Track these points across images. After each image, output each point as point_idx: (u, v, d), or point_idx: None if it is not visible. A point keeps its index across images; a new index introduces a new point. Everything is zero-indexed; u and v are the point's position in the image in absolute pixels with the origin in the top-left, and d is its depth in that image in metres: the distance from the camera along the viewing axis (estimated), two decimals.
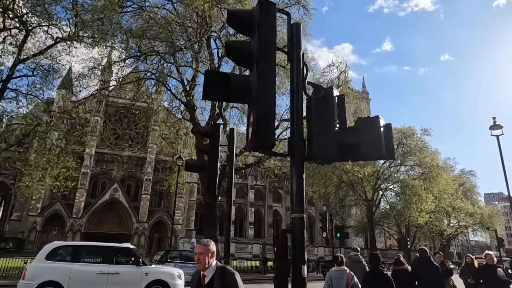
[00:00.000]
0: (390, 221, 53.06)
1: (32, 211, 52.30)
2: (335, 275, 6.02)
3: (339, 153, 3.14)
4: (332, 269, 6.30)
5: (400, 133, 40.51)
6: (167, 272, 11.44)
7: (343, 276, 5.91)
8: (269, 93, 2.96)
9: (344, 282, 5.82)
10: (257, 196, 78.54)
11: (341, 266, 6.16)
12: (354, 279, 5.86)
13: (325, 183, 37.86)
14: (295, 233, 3.01)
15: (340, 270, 6.08)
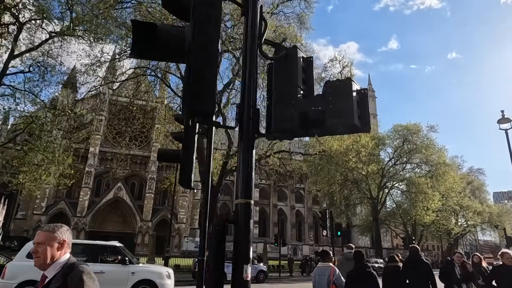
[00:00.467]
0: (396, 220, 52.05)
1: (36, 209, 52.36)
2: (318, 272, 5.99)
3: (301, 126, 2.51)
4: (318, 265, 6.30)
5: (405, 130, 39.55)
6: (155, 271, 10.88)
7: (325, 272, 5.84)
8: (209, 47, 2.32)
9: (325, 278, 5.75)
10: (261, 195, 77.89)
11: (325, 262, 6.06)
12: (336, 274, 5.76)
13: (329, 181, 37.05)
14: (239, 223, 2.41)
15: (323, 266, 6.01)
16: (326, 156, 30.80)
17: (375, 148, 38.95)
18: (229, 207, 74.66)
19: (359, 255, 6.25)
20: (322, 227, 17.19)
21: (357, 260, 6.15)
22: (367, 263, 6.23)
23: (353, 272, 6.01)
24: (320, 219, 17.31)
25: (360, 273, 5.89)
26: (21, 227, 52.30)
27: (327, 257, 6.13)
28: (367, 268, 5.97)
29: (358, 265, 6.04)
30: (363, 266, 5.98)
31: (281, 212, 78.66)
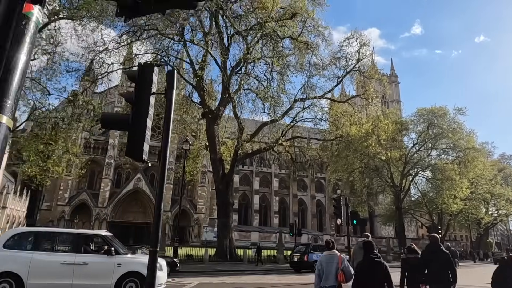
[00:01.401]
0: (421, 209, 49.48)
1: (60, 200, 53.29)
2: (325, 260, 5.88)
3: None
4: (323, 253, 6.13)
5: (430, 113, 36.88)
6: (143, 262, 9.76)
7: (333, 260, 5.79)
8: None
9: (334, 266, 5.69)
10: (281, 185, 76.61)
11: (331, 251, 5.99)
12: (344, 262, 5.72)
13: (348, 168, 35.16)
14: None
15: (330, 254, 5.93)
16: (344, 142, 29.01)
17: (398, 133, 36.60)
18: (248, 197, 73.85)
19: (369, 244, 5.85)
20: (336, 215, 15.69)
21: (367, 250, 5.82)
22: (377, 253, 5.87)
23: (362, 262, 5.78)
24: (334, 207, 15.83)
25: (369, 263, 5.58)
26: (47, 217, 53.43)
27: (332, 245, 6.06)
28: (377, 258, 5.63)
29: (367, 255, 5.71)
30: (373, 256, 5.63)
31: (301, 202, 77.14)
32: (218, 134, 26.90)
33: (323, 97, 25.79)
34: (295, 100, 25.57)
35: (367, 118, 30.05)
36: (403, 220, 41.66)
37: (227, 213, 25.82)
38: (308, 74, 23.48)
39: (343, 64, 25.69)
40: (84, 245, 9.61)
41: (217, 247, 25.70)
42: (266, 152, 29.05)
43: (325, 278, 5.67)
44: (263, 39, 23.78)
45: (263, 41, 24.24)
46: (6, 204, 35.09)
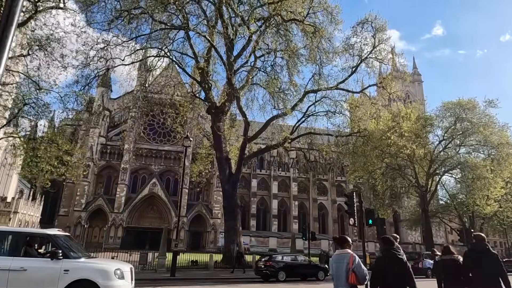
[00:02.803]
0: (450, 213, 45.50)
1: (77, 206, 52.82)
2: (336, 259, 5.29)
3: None
4: (335, 252, 5.50)
5: (457, 106, 33.42)
6: (97, 268, 7.81)
7: (343, 259, 5.13)
8: None
9: (344, 266, 5.05)
10: (300, 189, 73.74)
11: (344, 249, 5.27)
12: (355, 262, 5.00)
13: (368, 168, 32.31)
14: None
15: (341, 253, 5.25)
16: (362, 138, 26.38)
17: (422, 129, 33.40)
18: (267, 202, 71.37)
19: (388, 239, 5.47)
20: (348, 214, 13.26)
21: (386, 245, 5.37)
22: (398, 248, 5.36)
23: (380, 258, 5.37)
24: (346, 204, 13.38)
25: (388, 259, 5.17)
26: (64, 223, 53.02)
27: (344, 243, 5.35)
28: (398, 254, 5.20)
29: (386, 250, 5.30)
30: (393, 251, 5.21)
31: (321, 206, 73.90)
32: (224, 131, 24.97)
33: (336, 87, 23.37)
34: (306, 92, 23.32)
35: (388, 112, 27.30)
36: (430, 224, 38.04)
37: (234, 216, 23.71)
38: (319, 61, 21.19)
39: (357, 52, 23.31)
40: (25, 247, 7.76)
41: (224, 252, 23.59)
42: (276, 149, 26.75)
43: (336, 279, 5.14)
44: (268, 27, 21.83)
45: (269, 29, 22.26)
46: (18, 209, 34.43)
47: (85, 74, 23.42)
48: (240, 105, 21.63)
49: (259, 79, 25.46)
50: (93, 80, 23.46)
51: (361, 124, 25.66)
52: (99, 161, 56.43)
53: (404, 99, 59.98)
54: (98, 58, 21.82)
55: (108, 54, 23.25)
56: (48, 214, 56.22)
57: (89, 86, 23.77)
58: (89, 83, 23.69)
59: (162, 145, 59.57)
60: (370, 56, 22.35)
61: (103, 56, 22.77)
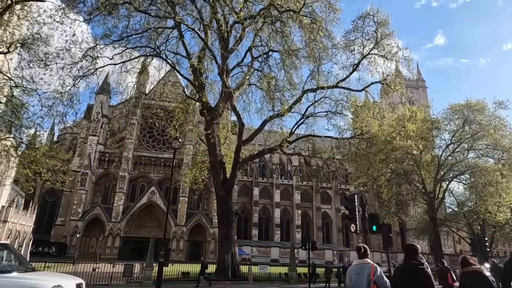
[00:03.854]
0: (459, 221, 43.27)
1: (73, 215, 51.23)
2: (354, 270, 4.87)
3: None
4: (353, 263, 5.13)
5: (466, 108, 31.62)
6: (27, 286, 6.17)
7: (364, 270, 4.74)
8: None
9: (365, 277, 4.66)
10: (303, 198, 71.70)
11: (363, 259, 4.89)
12: (377, 273, 4.63)
13: (372, 174, 30.52)
14: None
15: (361, 263, 4.87)
16: (365, 140, 24.70)
17: (428, 133, 31.61)
18: (269, 211, 69.33)
19: (412, 247, 4.88)
20: (349, 220, 11.50)
21: (409, 254, 4.84)
22: (422, 259, 4.74)
23: (402, 268, 4.86)
24: (346, 208, 11.66)
25: (410, 270, 4.64)
26: (61, 233, 51.49)
27: (365, 252, 4.92)
28: (420, 264, 4.65)
29: (408, 260, 4.76)
30: (415, 261, 4.66)
31: (325, 215, 71.67)
32: (218, 133, 23.42)
33: (336, 86, 21.80)
34: (304, 91, 21.77)
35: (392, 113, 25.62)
36: (438, 233, 35.89)
37: (229, 224, 21.96)
38: (318, 57, 19.64)
39: (358, 49, 21.80)
40: None
41: (217, 263, 21.78)
42: (273, 153, 25.08)
43: None
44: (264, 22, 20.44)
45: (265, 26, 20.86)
46: (8, 218, 32.85)
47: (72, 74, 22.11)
48: (233, 104, 20.11)
49: (256, 80, 24.05)
50: (79, 79, 22.03)
51: (364, 125, 23.98)
52: (97, 169, 54.99)
53: (410, 101, 58.18)
54: (84, 57, 20.43)
55: (96, 53, 21.93)
56: (46, 224, 54.66)
57: (75, 86, 22.35)
58: (75, 84, 22.28)
59: (161, 153, 58.12)
60: (372, 52, 20.83)
61: (90, 54, 21.43)
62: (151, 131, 59.75)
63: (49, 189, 57.85)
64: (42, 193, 57.05)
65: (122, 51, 22.77)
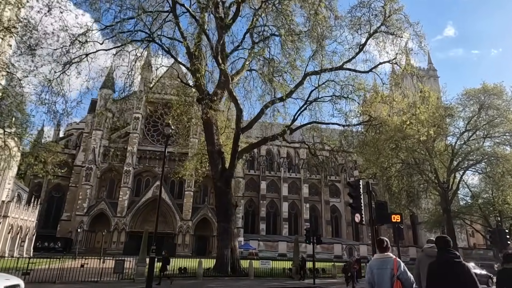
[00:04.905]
0: (473, 213, 41.13)
1: (79, 210, 50.63)
2: (377, 265, 4.54)
3: None
4: (374, 257, 4.77)
5: (482, 93, 29.50)
6: None
7: (386, 264, 4.43)
8: None
9: (387, 272, 4.36)
10: (312, 191, 70.05)
11: (384, 253, 4.59)
12: (401, 267, 4.35)
13: (382, 164, 28.75)
14: None
15: (383, 257, 4.55)
16: (374, 127, 22.97)
17: (441, 120, 29.61)
18: (277, 205, 67.87)
19: (444, 240, 4.40)
20: (353, 209, 9.91)
21: (442, 247, 4.36)
22: (456, 252, 4.30)
23: (436, 263, 4.29)
24: (350, 196, 10.08)
25: (446, 265, 4.15)
26: (66, 228, 50.99)
27: (386, 246, 4.64)
28: (456, 257, 4.19)
29: (443, 253, 4.28)
30: (450, 255, 4.21)
31: (334, 209, 69.94)
32: (216, 122, 21.99)
33: (341, 68, 20.09)
34: (306, 74, 20.14)
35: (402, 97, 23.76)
36: (453, 225, 33.95)
37: (228, 217, 20.56)
38: (320, 35, 17.95)
39: (365, 29, 20.01)
40: None
41: (216, 258, 20.43)
42: (274, 140, 23.52)
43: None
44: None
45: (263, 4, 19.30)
46: (8, 213, 32.12)
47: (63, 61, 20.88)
48: (230, 88, 18.62)
49: (256, 65, 22.55)
50: (69, 66, 20.77)
51: (372, 111, 22.25)
52: (102, 163, 54.23)
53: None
54: (72, 42, 19.15)
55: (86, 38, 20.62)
56: (53, 219, 54.29)
57: (65, 73, 21.12)
58: (64, 71, 21.03)
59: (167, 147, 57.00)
60: (380, 30, 19.04)
61: (79, 39, 20.15)
62: (156, 125, 58.76)
63: (55, 184, 57.52)
64: (48, 189, 56.72)
65: (113, 36, 21.47)
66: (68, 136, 66.03)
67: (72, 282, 15.88)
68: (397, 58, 19.12)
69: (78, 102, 21.12)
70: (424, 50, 18.01)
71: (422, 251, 6.34)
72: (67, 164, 58.43)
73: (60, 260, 18.97)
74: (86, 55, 21.78)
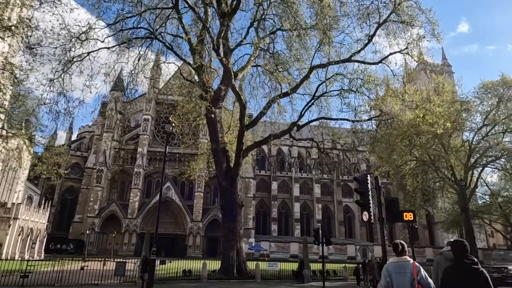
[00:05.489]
0: (493, 213, 39.26)
1: (90, 212, 50.75)
2: (393, 269, 4.34)
3: None
4: (390, 260, 4.55)
5: (501, 85, 27.93)
6: None
7: (405, 269, 4.25)
8: None
9: (407, 276, 4.18)
10: (324, 191, 68.72)
11: (402, 256, 4.44)
12: (421, 272, 4.21)
13: (395, 162, 27.54)
14: None
15: (401, 261, 4.38)
16: (385, 122, 21.90)
17: (457, 115, 28.18)
18: (288, 205, 66.81)
19: (461, 244, 4.18)
20: (361, 206, 8.98)
21: (459, 252, 4.12)
22: (474, 258, 4.07)
23: (453, 269, 4.07)
24: (356, 191, 9.19)
25: (465, 272, 3.91)
26: (79, 230, 51.18)
27: (402, 249, 4.46)
28: (474, 263, 3.95)
29: (460, 259, 4.05)
30: (468, 261, 3.98)
31: (347, 209, 68.44)
32: (221, 119, 21.30)
33: (349, 60, 19.12)
34: (312, 67, 19.24)
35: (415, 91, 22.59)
36: (471, 225, 32.34)
37: (233, 217, 19.83)
38: (327, 25, 17.04)
39: (375, 19, 18.99)
40: None
41: (222, 260, 19.69)
42: (280, 137, 22.65)
43: None
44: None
45: None
46: (18, 215, 32.16)
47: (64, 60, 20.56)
48: (233, 83, 17.89)
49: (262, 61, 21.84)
50: (71, 65, 20.42)
51: (383, 105, 21.17)
52: (112, 165, 54.30)
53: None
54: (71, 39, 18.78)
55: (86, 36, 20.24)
56: (66, 221, 54.62)
57: (66, 72, 20.77)
58: (65, 70, 20.68)
59: (176, 148, 56.69)
60: (390, 19, 18.00)
61: (79, 37, 19.78)
62: (165, 127, 58.58)
63: (68, 186, 57.98)
64: (62, 191, 57.15)
65: (115, 33, 21.06)
66: (80, 139, 66.62)
67: (71, 285, 15.40)
68: (409, 48, 18.04)
69: (80, 102, 20.71)
70: (438, 38, 16.89)
71: (441, 254, 6.03)
72: (80, 167, 58.99)
73: (60, 262, 18.56)
74: (88, 54, 21.44)
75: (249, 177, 57.82)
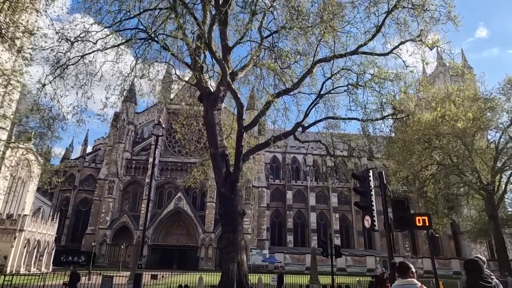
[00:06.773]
0: None
1: (102, 224, 50.07)
2: None
3: None
4: (395, 283, 4.28)
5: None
6: None
7: None
8: None
9: None
10: (341, 200, 65.83)
11: (407, 279, 4.14)
12: None
13: (413, 165, 25.22)
14: None
15: (406, 284, 4.11)
16: (399, 120, 19.85)
17: (480, 113, 25.68)
18: (304, 215, 64.25)
19: (475, 263, 4.24)
20: (362, 209, 7.16)
21: (472, 270, 4.21)
22: (490, 276, 4.21)
23: (468, 286, 4.16)
24: (356, 191, 7.34)
25: None
26: (91, 241, 50.51)
27: (408, 271, 4.15)
28: (488, 282, 4.05)
29: (474, 279, 4.11)
30: (483, 281, 4.01)
31: None
32: (220, 121, 19.80)
33: (356, 52, 17.34)
34: (315, 61, 17.56)
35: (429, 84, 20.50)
36: (501, 234, 29.25)
37: (233, 226, 18.04)
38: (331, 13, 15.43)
39: (383, 8, 17.25)
40: None
41: (222, 273, 17.89)
42: (283, 139, 20.88)
43: None
44: None
45: None
46: (24, 227, 31.48)
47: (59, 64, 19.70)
48: (228, 80, 16.44)
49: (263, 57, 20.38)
50: (65, 68, 19.48)
51: (396, 103, 19.17)
52: (124, 176, 53.72)
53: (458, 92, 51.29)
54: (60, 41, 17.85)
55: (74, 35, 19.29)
56: (80, 233, 54.16)
57: (60, 76, 19.86)
58: (60, 74, 19.77)
59: (187, 158, 55.60)
60: (400, 4, 16.23)
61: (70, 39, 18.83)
62: (176, 136, 57.81)
63: (83, 198, 57.79)
64: (76, 203, 56.96)
65: (108, 35, 20.09)
66: (95, 151, 66.79)
67: None
68: (422, 35, 16.10)
69: (74, 107, 19.69)
70: (455, 21, 14.92)
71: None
72: (93, 178, 58.79)
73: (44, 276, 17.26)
74: (81, 57, 20.53)
75: (263, 186, 55.97)
